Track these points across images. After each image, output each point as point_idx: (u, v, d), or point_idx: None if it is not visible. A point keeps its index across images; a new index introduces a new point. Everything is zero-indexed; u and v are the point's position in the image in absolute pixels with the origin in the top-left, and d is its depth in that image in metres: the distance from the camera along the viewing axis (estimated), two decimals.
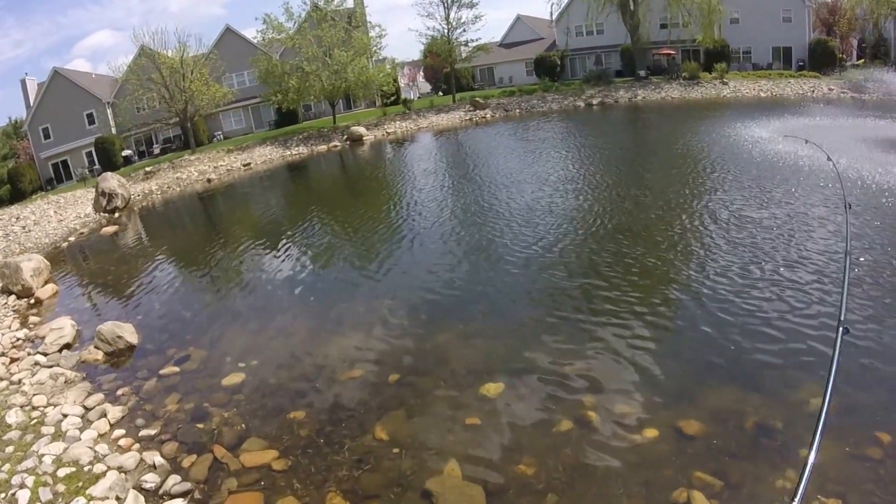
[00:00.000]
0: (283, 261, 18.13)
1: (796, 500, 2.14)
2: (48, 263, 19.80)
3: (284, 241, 20.50)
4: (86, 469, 7.94)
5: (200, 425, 9.17)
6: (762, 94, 50.77)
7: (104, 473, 7.79)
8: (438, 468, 7.49)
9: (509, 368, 9.77)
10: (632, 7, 60.49)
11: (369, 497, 7.20)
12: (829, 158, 17.29)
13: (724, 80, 54.99)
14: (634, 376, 9.07)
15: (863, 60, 61.08)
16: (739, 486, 6.62)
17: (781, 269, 12.17)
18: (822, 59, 56.23)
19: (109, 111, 61.36)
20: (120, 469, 7.92)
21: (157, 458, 8.15)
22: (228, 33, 67.75)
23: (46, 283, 18.78)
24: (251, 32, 68.40)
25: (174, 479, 7.75)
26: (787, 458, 6.91)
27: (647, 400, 8.44)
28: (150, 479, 7.72)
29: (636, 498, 6.69)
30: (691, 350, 9.78)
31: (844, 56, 61.03)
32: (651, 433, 7.69)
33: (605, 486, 6.92)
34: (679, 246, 14.57)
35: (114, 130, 61.15)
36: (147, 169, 48.48)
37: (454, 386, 9.49)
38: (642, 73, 61.49)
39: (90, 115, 62.56)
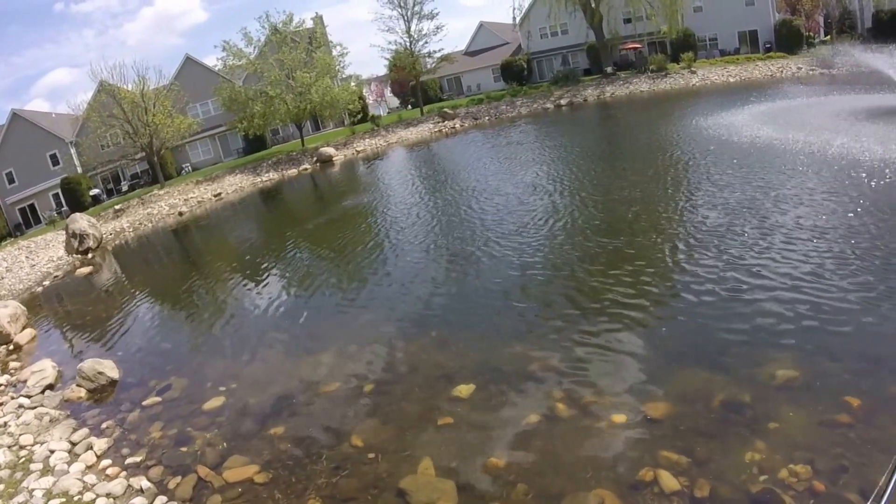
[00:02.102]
0: (259, 287, 18.39)
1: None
2: (24, 309, 19.92)
3: (258, 268, 20.76)
4: (76, 499, 8.23)
5: (184, 448, 9.48)
6: (731, 80, 51.54)
7: (94, 501, 8.11)
8: (412, 468, 7.85)
9: (480, 369, 10.13)
10: (593, 4, 60.88)
11: (347, 500, 7.55)
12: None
13: (692, 69, 55.52)
14: (601, 367, 9.45)
15: (829, 36, 61.95)
16: (706, 461, 6.88)
17: (744, 251, 12.58)
18: (788, 39, 56.91)
19: (73, 150, 60.46)
20: (108, 496, 8.23)
21: (144, 483, 8.46)
22: (189, 63, 67.28)
23: (24, 328, 18.89)
24: (212, 60, 67.85)
25: (161, 499, 8.08)
26: (755, 430, 7.20)
27: (614, 388, 8.79)
28: (139, 503, 8.01)
29: (604, 481, 6.98)
30: (657, 337, 10.13)
31: (811, 34, 61.87)
32: (618, 419, 8.02)
33: (573, 473, 7.26)
34: (640, 239, 14.94)
35: (79, 170, 60.19)
36: (117, 207, 48.17)
37: (427, 390, 9.89)
38: (609, 69, 61.85)
39: (53, 156, 61.48)
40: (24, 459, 9.73)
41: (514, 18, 72.06)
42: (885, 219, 12.88)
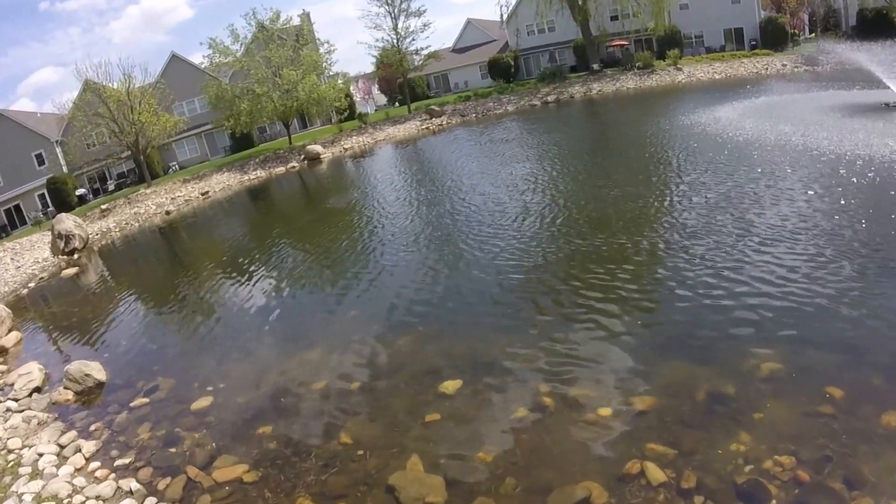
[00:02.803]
0: (245, 286, 18.34)
1: None
2: (10, 311, 19.77)
3: (246, 267, 20.69)
4: (65, 502, 8.21)
5: (173, 449, 9.48)
6: (717, 77, 51.99)
7: None
8: (401, 464, 7.88)
9: (466, 365, 10.20)
10: (580, 2, 61.04)
11: (336, 497, 7.58)
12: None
13: (678, 66, 55.95)
14: (587, 360, 9.53)
15: (814, 34, 62.41)
16: (693, 453, 6.97)
17: (727, 244, 12.72)
18: (774, 37, 57.48)
19: (59, 150, 60.14)
20: (98, 498, 8.21)
21: (134, 484, 8.45)
22: (175, 60, 67.05)
23: (10, 331, 18.75)
24: (198, 58, 67.47)
25: (151, 500, 8.08)
26: (740, 422, 7.30)
27: (600, 381, 8.88)
28: None
29: (591, 474, 7.05)
30: (641, 330, 10.22)
31: (796, 31, 62.38)
32: (604, 412, 8.10)
33: (560, 466, 7.33)
34: (624, 234, 15.01)
35: (65, 169, 59.80)
36: (103, 206, 47.86)
37: (414, 386, 9.93)
38: (596, 66, 62.14)
39: (39, 156, 61.20)
40: (12, 463, 9.68)
41: (502, 16, 72.51)
42: (867, 212, 13.03)
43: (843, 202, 13.81)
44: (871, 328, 8.69)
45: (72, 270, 29.35)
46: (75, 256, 33.33)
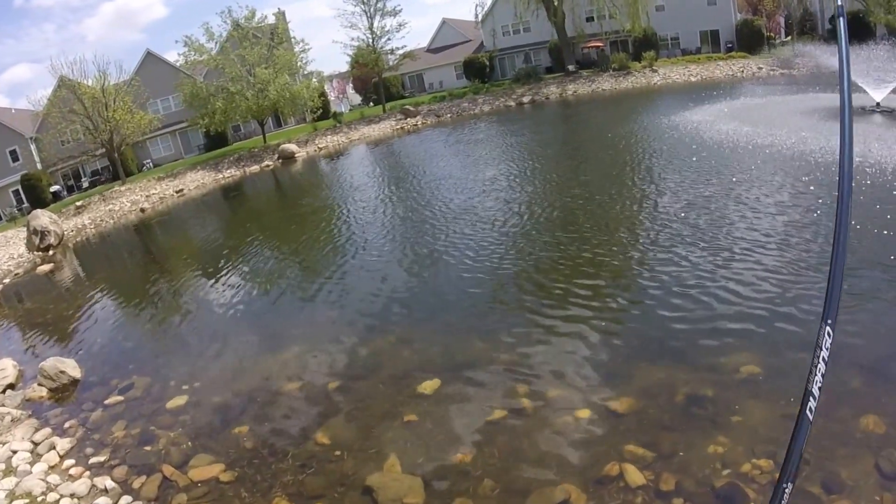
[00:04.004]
0: (221, 285, 18.21)
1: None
2: None
3: (221, 265, 20.54)
4: (39, 500, 8.12)
5: (148, 448, 9.39)
6: (692, 79, 52.28)
7: (58, 502, 8.01)
8: (379, 465, 7.86)
9: (444, 366, 10.20)
10: (555, 2, 61.17)
11: (314, 498, 7.54)
12: None
13: (654, 68, 56.21)
14: (565, 362, 9.54)
15: (790, 37, 63.00)
16: (671, 455, 7.00)
17: (704, 246, 12.84)
18: (750, 39, 57.89)
19: (33, 146, 59.27)
20: (73, 496, 8.13)
21: (109, 483, 8.38)
22: (149, 58, 66.24)
23: None
24: (173, 56, 66.82)
25: (126, 499, 8.00)
26: (718, 424, 7.34)
27: (578, 383, 8.90)
28: (103, 503, 7.94)
29: (569, 475, 7.06)
30: (619, 332, 10.27)
31: (772, 34, 62.95)
32: (583, 414, 8.11)
33: (539, 468, 7.33)
34: (601, 236, 15.14)
35: (39, 166, 58.84)
36: (78, 203, 47.25)
37: (392, 387, 9.91)
38: (572, 67, 62.22)
39: (13, 152, 60.17)
40: None
41: (477, 16, 72.21)
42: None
43: (819, 206, 13.96)
44: (848, 332, 8.73)
45: (47, 267, 29.05)
46: (50, 253, 33.09)
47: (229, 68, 55.00)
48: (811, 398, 2.58)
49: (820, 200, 14.18)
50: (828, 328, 2.56)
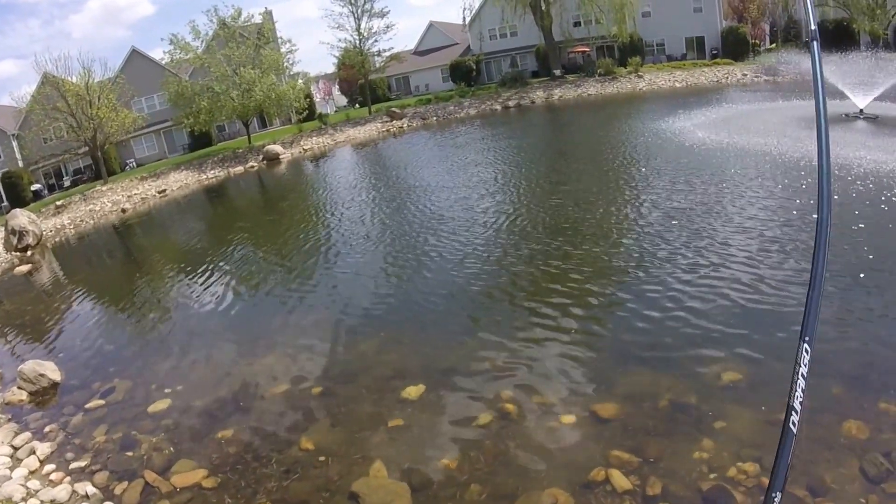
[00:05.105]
0: (203, 287, 18.10)
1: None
2: None
3: (203, 267, 20.40)
4: None
5: (130, 453, 9.29)
6: (677, 85, 52.74)
7: None
8: (364, 470, 7.82)
9: (429, 370, 10.18)
10: (543, 7, 61.43)
11: None
12: None
13: (640, 73, 56.73)
14: (551, 368, 9.55)
15: (775, 44, 63.47)
16: (657, 460, 7.03)
17: (688, 254, 12.91)
18: (735, 46, 58.39)
19: (15, 144, 58.29)
20: (53, 502, 8.04)
21: (90, 488, 8.28)
22: (135, 55, 65.44)
23: None
24: (158, 54, 66.27)
25: None
26: (702, 430, 7.37)
27: (564, 389, 8.91)
28: None
29: (555, 480, 7.07)
30: (605, 339, 10.33)
31: (757, 41, 63.46)
32: (568, 419, 8.14)
33: (525, 473, 7.33)
34: (585, 242, 15.21)
35: (21, 164, 57.90)
36: (58, 203, 46.49)
37: (377, 392, 9.87)
38: (558, 72, 62.58)
39: None
40: None
41: (465, 19, 72.31)
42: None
43: (802, 214, 14.06)
44: (830, 338, 8.82)
45: (25, 267, 28.73)
46: (29, 253, 32.69)
47: (215, 67, 54.69)
48: (793, 413, 2.63)
49: (804, 209, 14.27)
50: (805, 345, 2.58)
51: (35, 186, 56.91)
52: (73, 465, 9.10)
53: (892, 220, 12.98)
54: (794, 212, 14.25)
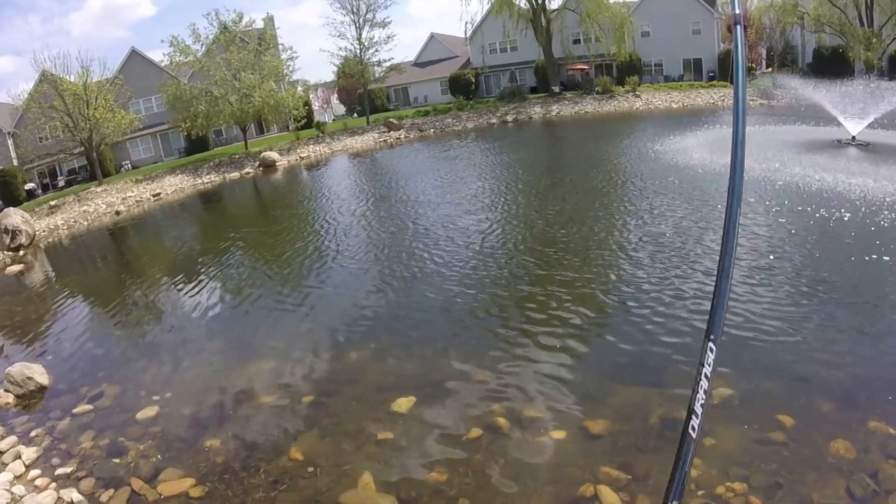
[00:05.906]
0: (195, 294, 18.03)
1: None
2: None
3: (195, 273, 20.39)
4: None
5: (117, 460, 9.24)
6: (674, 106, 53.09)
7: None
8: (352, 482, 7.81)
9: (420, 383, 10.20)
10: (543, 23, 61.81)
11: None
12: None
13: (637, 92, 57.11)
14: (542, 383, 9.58)
15: (771, 69, 63.92)
16: (646, 477, 7.06)
17: (678, 270, 13.05)
18: (731, 69, 58.44)
19: (10, 142, 58.01)
20: None
21: (75, 495, 8.22)
22: (134, 56, 65.32)
23: None
24: (158, 56, 66.14)
25: None
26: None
27: (555, 404, 8.94)
28: None
29: (545, 496, 7.12)
30: (596, 355, 10.39)
31: (754, 65, 63.91)
32: (558, 435, 8.18)
33: (514, 488, 7.34)
34: (577, 257, 15.32)
35: (15, 162, 57.50)
36: (52, 203, 46.16)
37: (366, 403, 9.87)
38: (556, 88, 62.97)
39: None
40: None
41: (466, 32, 72.58)
42: (816, 244, 13.44)
43: (793, 235, 14.22)
44: (819, 358, 8.93)
45: (17, 268, 28.56)
46: (21, 253, 32.47)
47: (214, 71, 54.69)
48: (694, 416, 2.60)
49: (801, 232, 14.37)
50: (710, 344, 2.64)
51: (29, 185, 56.53)
52: (59, 471, 9.03)
53: (879, 242, 13.07)
54: (792, 234, 14.39)
